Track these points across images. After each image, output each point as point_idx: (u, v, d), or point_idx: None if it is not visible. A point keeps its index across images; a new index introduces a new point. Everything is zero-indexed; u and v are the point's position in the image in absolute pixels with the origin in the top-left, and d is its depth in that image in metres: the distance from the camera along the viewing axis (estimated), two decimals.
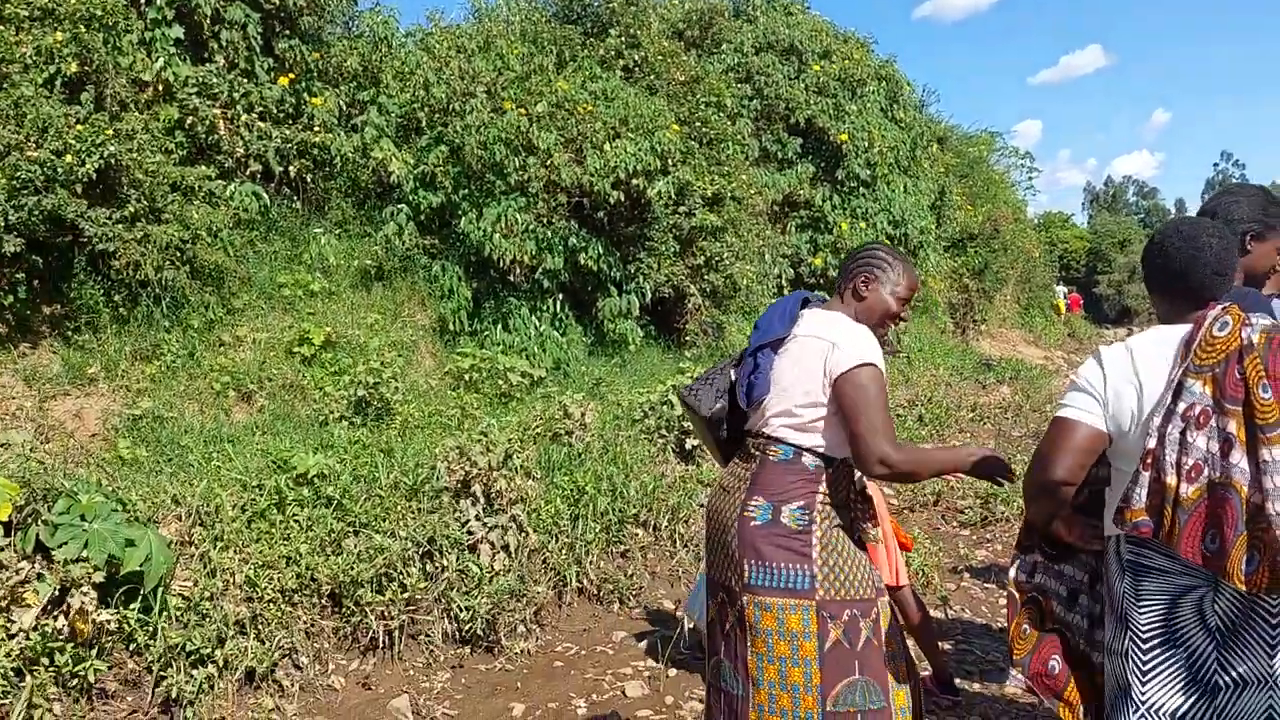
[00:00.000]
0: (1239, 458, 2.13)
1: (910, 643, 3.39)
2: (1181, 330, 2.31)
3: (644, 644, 4.72)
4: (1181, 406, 2.20)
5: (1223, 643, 2.26)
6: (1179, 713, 2.28)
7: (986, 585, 5.56)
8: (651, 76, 10.40)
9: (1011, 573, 2.66)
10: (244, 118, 7.70)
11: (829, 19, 14.21)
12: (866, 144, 12.35)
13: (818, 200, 12.18)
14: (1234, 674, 2.25)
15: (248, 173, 7.80)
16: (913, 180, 13.87)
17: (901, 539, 4.22)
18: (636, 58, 10.47)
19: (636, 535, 5.52)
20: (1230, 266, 2.37)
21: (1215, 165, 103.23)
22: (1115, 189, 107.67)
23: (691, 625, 4.42)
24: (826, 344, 2.64)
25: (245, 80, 7.80)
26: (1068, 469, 2.32)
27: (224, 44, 7.66)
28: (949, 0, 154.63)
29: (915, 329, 14.28)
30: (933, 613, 4.83)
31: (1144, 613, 2.32)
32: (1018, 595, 2.67)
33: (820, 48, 12.87)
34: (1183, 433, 2.19)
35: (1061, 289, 28.90)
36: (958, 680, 4.22)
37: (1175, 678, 2.29)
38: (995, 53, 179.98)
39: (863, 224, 12.29)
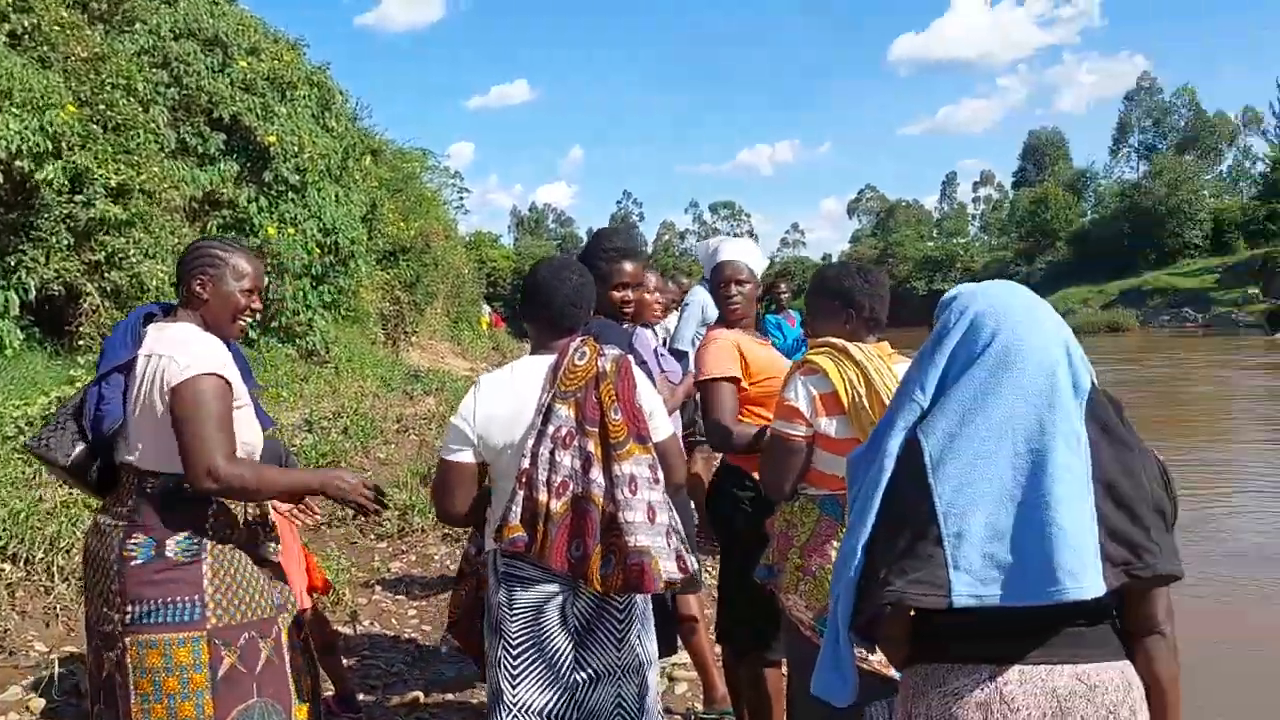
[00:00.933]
0: (597, 474, 2.39)
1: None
2: (550, 359, 2.55)
3: (6, 695, 4.09)
4: (551, 428, 2.43)
5: (580, 642, 2.51)
6: (545, 710, 2.50)
7: (398, 597, 5.64)
8: (45, 48, 9.14)
9: (466, 547, 3.03)
10: None
11: (259, 15, 13.65)
12: (297, 148, 11.99)
13: (242, 201, 11.56)
14: (589, 670, 2.52)
15: None
16: (345, 190, 13.75)
17: (317, 582, 4.04)
18: (26, 24, 9.13)
19: (3, 570, 4.77)
20: (586, 300, 2.67)
21: (619, 202, 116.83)
22: (538, 215, 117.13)
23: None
24: (167, 359, 2.48)
25: None
26: (461, 501, 2.57)
27: None
28: (391, 13, 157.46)
29: (345, 339, 14.18)
30: (341, 629, 4.79)
31: (515, 621, 2.51)
32: (465, 567, 3.01)
33: (248, 43, 12.27)
34: (552, 452, 2.42)
35: (486, 308, 30.60)
36: (361, 695, 4.22)
37: (541, 678, 2.50)
38: (435, 72, 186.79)
39: (291, 230, 11.92)
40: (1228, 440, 13.91)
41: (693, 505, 4.54)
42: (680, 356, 5.30)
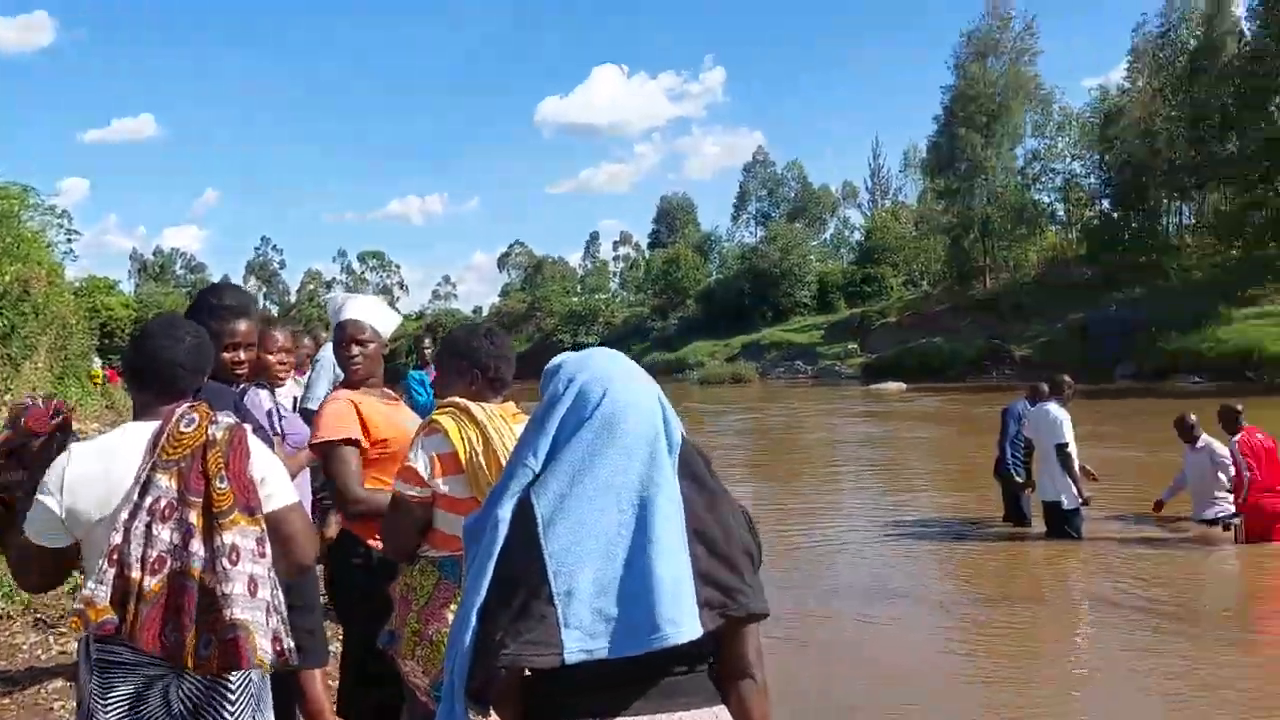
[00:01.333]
0: (198, 546, 2.24)
1: None
2: (153, 426, 2.36)
3: None
4: (148, 501, 2.25)
5: None
6: None
7: None
8: None
9: None
10: None
11: None
12: None
13: None
14: None
15: None
16: None
17: None
18: None
19: None
20: (202, 363, 2.51)
21: (256, 248, 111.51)
22: (164, 259, 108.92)
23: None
24: None
25: None
26: (42, 582, 2.45)
27: None
28: None
29: None
30: None
31: (110, 712, 2.28)
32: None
33: None
34: (148, 526, 2.24)
35: (99, 361, 27.87)
36: None
37: None
38: (43, 101, 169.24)
39: None
40: (836, 482, 15.38)
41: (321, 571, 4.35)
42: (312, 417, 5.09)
